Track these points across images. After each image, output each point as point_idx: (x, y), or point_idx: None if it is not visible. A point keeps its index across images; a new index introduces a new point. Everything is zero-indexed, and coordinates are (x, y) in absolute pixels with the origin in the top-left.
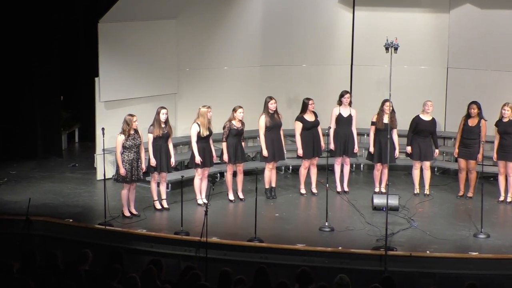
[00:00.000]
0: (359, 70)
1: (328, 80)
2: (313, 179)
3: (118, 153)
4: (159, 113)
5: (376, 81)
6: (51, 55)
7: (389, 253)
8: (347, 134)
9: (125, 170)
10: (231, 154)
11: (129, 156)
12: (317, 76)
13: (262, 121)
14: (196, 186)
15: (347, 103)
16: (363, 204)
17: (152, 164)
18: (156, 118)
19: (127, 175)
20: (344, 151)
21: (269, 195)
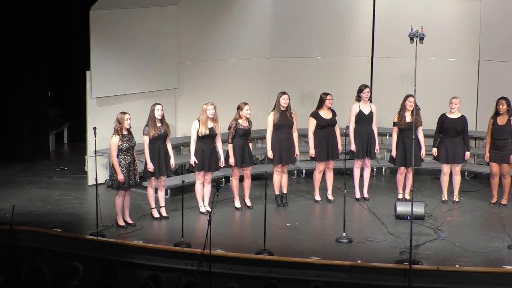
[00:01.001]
0: (381, 63)
1: (346, 74)
2: (329, 184)
3: (114, 157)
4: (153, 110)
5: (399, 75)
6: (40, 48)
7: (414, 267)
8: (369, 133)
9: (123, 175)
10: (238, 156)
11: (126, 160)
12: (334, 69)
13: (270, 118)
14: (198, 192)
15: (367, 99)
16: (385, 212)
17: (149, 169)
18: (151, 116)
19: (124, 181)
20: (366, 152)
21: (280, 202)
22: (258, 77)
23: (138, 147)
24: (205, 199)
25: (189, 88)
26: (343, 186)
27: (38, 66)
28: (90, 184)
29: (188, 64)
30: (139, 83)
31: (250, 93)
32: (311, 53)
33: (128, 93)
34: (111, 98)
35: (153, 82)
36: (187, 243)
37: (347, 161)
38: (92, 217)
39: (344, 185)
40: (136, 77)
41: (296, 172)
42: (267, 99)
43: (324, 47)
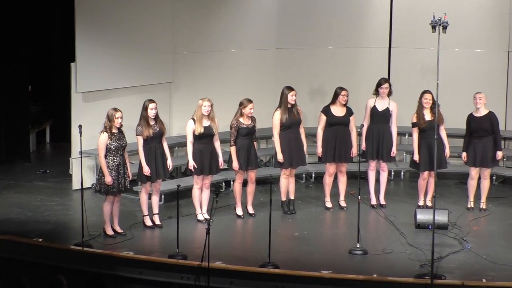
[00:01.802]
0: (399, 54)
1: (360, 66)
2: (342, 189)
3: (102, 157)
4: (146, 108)
5: (420, 68)
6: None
7: (436, 281)
8: (382, 132)
9: (112, 178)
10: (242, 159)
11: (114, 161)
12: (347, 62)
13: (277, 117)
14: (195, 198)
15: (385, 94)
16: (403, 221)
17: (145, 173)
18: (144, 114)
19: (113, 185)
20: (377, 154)
21: (287, 210)
22: (262, 69)
23: (130, 147)
24: (203, 206)
25: (185, 82)
26: (357, 191)
27: (16, 58)
28: (75, 189)
29: (184, 55)
30: (130, 76)
31: (253, 87)
32: (321, 43)
33: (118, 87)
34: (98, 93)
35: (145, 75)
36: (183, 255)
37: (362, 164)
38: (77, 225)
39: (358, 190)
40: (126, 69)
41: (305, 176)
42: (272, 94)
43: (336, 36)
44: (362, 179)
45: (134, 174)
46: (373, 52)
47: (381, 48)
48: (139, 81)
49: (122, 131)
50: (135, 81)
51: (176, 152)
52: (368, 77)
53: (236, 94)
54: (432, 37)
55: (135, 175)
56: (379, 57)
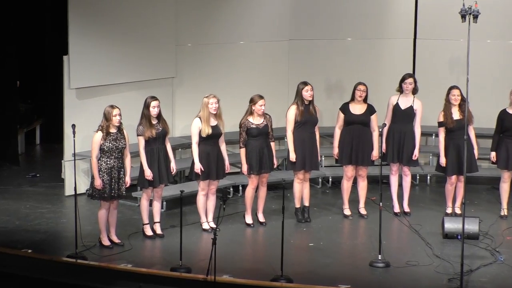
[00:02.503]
0: (425, 46)
1: (382, 60)
2: (361, 195)
3: (94, 157)
4: (148, 106)
5: (448, 61)
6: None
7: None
8: (404, 133)
9: (102, 181)
10: (254, 161)
11: (108, 163)
12: (368, 54)
13: (292, 114)
14: (200, 205)
15: (409, 91)
16: (430, 230)
17: (147, 177)
18: (145, 113)
19: (104, 189)
20: (398, 156)
21: (301, 218)
22: (274, 63)
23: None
24: (209, 214)
25: (190, 77)
26: (378, 197)
27: (3, 50)
28: (68, 195)
29: (188, 47)
30: (128, 70)
31: (265, 83)
32: (339, 34)
33: (115, 83)
34: (93, 89)
35: (145, 69)
36: (186, 268)
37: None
38: (70, 235)
39: (380, 196)
40: (124, 63)
41: (321, 181)
42: (285, 91)
43: (356, 26)
44: (384, 184)
45: (135, 178)
46: (397, 44)
47: (405, 39)
48: (138, 76)
49: (122, 131)
50: (134, 76)
51: (180, 154)
52: (391, 72)
53: (245, 90)
54: (462, 28)
55: (135, 180)
56: (403, 50)
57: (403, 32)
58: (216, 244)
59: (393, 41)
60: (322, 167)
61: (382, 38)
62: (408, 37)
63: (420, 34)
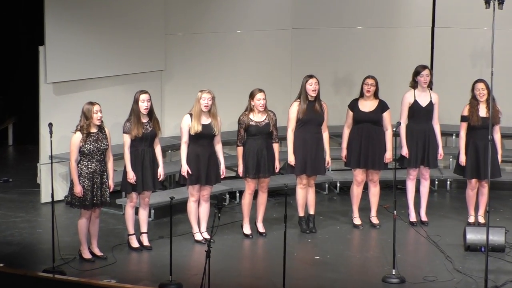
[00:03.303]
0: (445, 36)
1: (396, 51)
2: (373, 202)
3: (73, 161)
4: (137, 101)
5: (470, 53)
6: None
7: None
8: (428, 133)
9: (83, 187)
10: (251, 163)
11: (89, 167)
12: (380, 45)
13: (293, 110)
14: (191, 213)
15: (426, 85)
16: (450, 241)
17: (129, 180)
18: (134, 108)
19: (85, 196)
20: (422, 159)
21: (305, 227)
22: (275, 54)
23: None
24: (202, 223)
25: (181, 70)
26: (392, 205)
27: None
28: (44, 202)
29: (179, 37)
30: (112, 63)
31: (265, 77)
32: (348, 22)
33: (97, 76)
34: (73, 84)
35: (131, 62)
36: (177, 284)
37: (398, 171)
38: (47, 247)
39: (394, 203)
40: (107, 55)
41: (328, 186)
42: (288, 85)
43: (367, 13)
44: (398, 190)
45: (118, 183)
46: (412, 33)
47: (422, 28)
48: (123, 69)
49: (104, 130)
50: (119, 69)
51: (169, 156)
52: (406, 65)
53: (243, 85)
54: (486, 15)
55: (118, 185)
56: (420, 40)
57: (419, 19)
58: (210, 257)
59: (408, 29)
60: (329, 171)
61: (396, 26)
62: (426, 25)
63: (439, 22)
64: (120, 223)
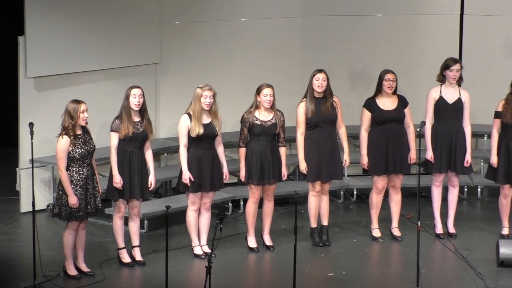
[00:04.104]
0: (475, 24)
1: (420, 41)
2: (395, 212)
3: (63, 169)
4: (128, 96)
5: (503, 43)
6: None
7: None
8: (456, 133)
9: (78, 198)
10: (254, 168)
11: (81, 173)
12: (402, 34)
13: (301, 111)
14: (190, 224)
15: (455, 80)
16: (481, 256)
17: (115, 184)
18: (125, 105)
19: (80, 206)
20: (449, 163)
21: (318, 240)
22: (284, 46)
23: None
24: (202, 235)
25: (177, 63)
26: (416, 215)
27: None
28: (24, 211)
29: (176, 25)
30: (101, 56)
31: (272, 71)
32: (366, 9)
33: (83, 70)
34: (56, 79)
35: (122, 54)
36: None
37: (423, 177)
38: (27, 262)
39: (418, 213)
40: (95, 46)
41: (343, 194)
42: (299, 79)
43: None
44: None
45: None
46: (439, 22)
47: (449, 15)
48: (113, 62)
49: (88, 131)
50: (108, 62)
51: (165, 160)
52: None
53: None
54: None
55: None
56: (447, 29)
57: (446, 6)
58: (211, 273)
59: (434, 17)
60: (345, 177)
61: (420, 13)
62: (454, 13)
63: (468, 8)
64: (109, 235)
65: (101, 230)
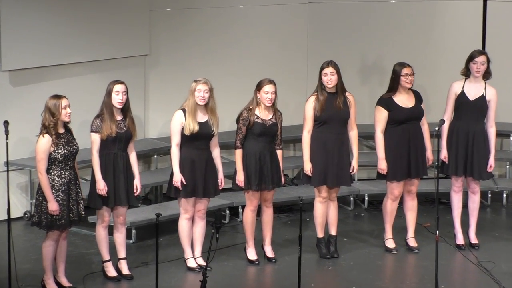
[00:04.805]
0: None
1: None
2: (410, 220)
3: (43, 171)
4: (110, 93)
5: None
6: None
7: None
8: (473, 134)
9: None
10: (253, 172)
11: (63, 177)
12: (419, 22)
13: (309, 106)
14: (183, 233)
15: (479, 74)
16: (507, 269)
17: (99, 191)
18: (106, 102)
19: (61, 214)
20: (465, 167)
21: (326, 252)
22: (288, 35)
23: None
24: (197, 246)
25: (168, 55)
26: (434, 223)
27: None
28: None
29: (167, 13)
30: (84, 47)
31: (275, 62)
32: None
33: (65, 63)
34: (34, 72)
35: (107, 45)
36: None
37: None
38: (1, 276)
39: (437, 222)
40: (78, 36)
41: (353, 200)
42: (304, 73)
43: None
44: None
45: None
46: (460, 7)
47: (472, 1)
48: (97, 54)
49: (70, 130)
50: (92, 54)
51: (155, 163)
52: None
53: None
54: None
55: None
56: (469, 15)
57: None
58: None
59: (454, 3)
60: (355, 181)
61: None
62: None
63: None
64: (93, 246)
65: (84, 240)
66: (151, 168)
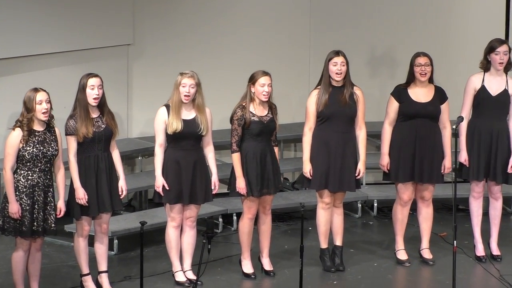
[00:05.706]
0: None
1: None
2: (425, 229)
3: (8, 169)
4: (84, 88)
5: None
6: None
7: None
8: (497, 133)
9: (20, 205)
10: (253, 176)
11: (29, 179)
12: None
13: (312, 102)
14: (171, 244)
15: (501, 66)
16: None
17: (79, 200)
18: (80, 99)
19: (23, 218)
20: (487, 170)
21: (330, 264)
22: (288, 24)
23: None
24: (186, 258)
25: (154, 44)
26: (451, 233)
27: None
28: None
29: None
30: (61, 35)
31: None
32: None
33: (38, 53)
34: (7, 63)
35: (86, 33)
36: None
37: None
38: None
39: (454, 231)
40: (56, 24)
41: (361, 207)
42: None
43: None
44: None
45: None
46: None
47: None
48: (76, 43)
49: (54, 130)
50: (70, 43)
51: (139, 165)
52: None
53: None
54: None
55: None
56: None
57: None
58: None
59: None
60: (363, 186)
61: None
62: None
63: None
64: (70, 258)
65: (60, 251)
66: (135, 170)
